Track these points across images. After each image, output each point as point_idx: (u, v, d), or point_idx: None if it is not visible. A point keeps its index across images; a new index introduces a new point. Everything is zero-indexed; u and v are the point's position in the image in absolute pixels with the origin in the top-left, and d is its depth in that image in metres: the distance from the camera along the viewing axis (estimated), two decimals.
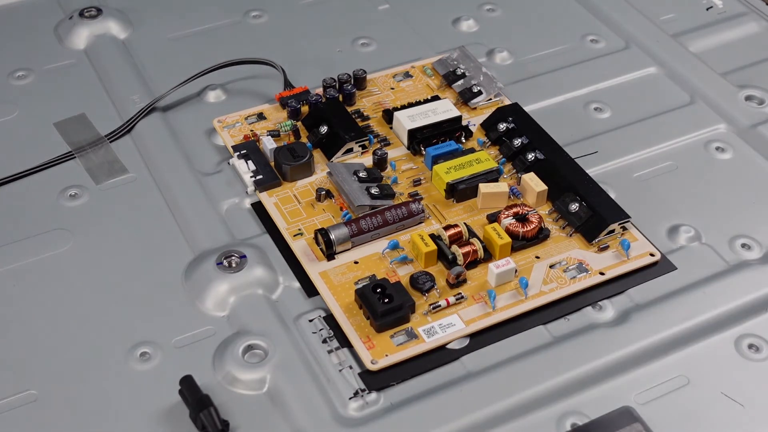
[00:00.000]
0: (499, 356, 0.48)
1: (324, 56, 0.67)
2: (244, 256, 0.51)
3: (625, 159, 0.59)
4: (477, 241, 0.51)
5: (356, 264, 0.51)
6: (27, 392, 0.46)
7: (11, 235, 0.54)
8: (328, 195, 0.55)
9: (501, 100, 0.62)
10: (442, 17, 0.71)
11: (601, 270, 0.51)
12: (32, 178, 0.58)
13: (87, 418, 0.45)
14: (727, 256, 0.53)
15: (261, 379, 0.47)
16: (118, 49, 0.67)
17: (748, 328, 0.49)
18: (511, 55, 0.68)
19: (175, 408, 0.45)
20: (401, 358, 0.47)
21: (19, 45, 0.68)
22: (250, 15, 0.71)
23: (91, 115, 0.62)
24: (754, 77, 0.66)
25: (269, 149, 0.57)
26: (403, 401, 0.46)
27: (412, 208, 0.53)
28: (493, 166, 0.56)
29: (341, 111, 0.60)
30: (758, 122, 0.62)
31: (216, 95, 0.64)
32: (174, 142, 0.60)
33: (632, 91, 0.65)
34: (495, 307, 0.49)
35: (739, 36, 0.70)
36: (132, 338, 0.48)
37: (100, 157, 0.59)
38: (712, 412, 0.46)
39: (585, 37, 0.70)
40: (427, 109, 0.59)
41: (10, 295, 0.51)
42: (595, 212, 0.53)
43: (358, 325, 0.48)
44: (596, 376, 0.47)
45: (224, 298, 0.50)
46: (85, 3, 0.71)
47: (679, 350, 0.48)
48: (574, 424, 0.45)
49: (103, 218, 0.55)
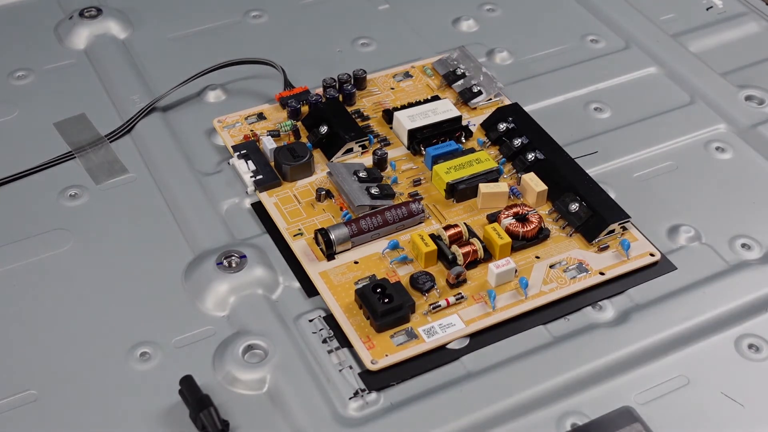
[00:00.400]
0: (499, 356, 0.48)
1: (324, 56, 0.67)
2: (244, 256, 0.51)
3: (625, 159, 0.59)
4: (477, 241, 0.51)
5: (356, 264, 0.51)
6: (27, 392, 0.46)
7: (11, 235, 0.54)
8: (328, 195, 0.55)
9: (501, 100, 0.62)
10: (442, 17, 0.71)
11: (601, 270, 0.51)
12: (32, 178, 0.58)
13: (87, 418, 0.45)
14: (727, 256, 0.53)
15: (261, 379, 0.46)
16: (118, 49, 0.67)
17: (748, 328, 0.49)
18: (511, 55, 0.68)
19: (175, 408, 0.45)
20: (401, 358, 0.47)
21: (19, 45, 0.68)
22: (250, 15, 0.71)
23: (91, 115, 0.62)
24: (754, 77, 0.66)
25: (269, 149, 0.57)
26: (403, 401, 0.46)
27: (412, 208, 0.53)
28: (493, 166, 0.56)
29: (341, 111, 0.59)
30: (758, 122, 0.62)
31: (216, 95, 0.64)
32: (174, 142, 0.60)
33: (632, 91, 0.65)
34: (495, 307, 0.49)
35: (739, 36, 0.70)
36: (132, 338, 0.48)
37: (100, 157, 0.59)
38: (712, 412, 0.46)
39: (585, 37, 0.69)
40: (427, 109, 0.59)
41: (10, 295, 0.51)
42: (595, 212, 0.53)
43: (358, 325, 0.48)
44: (596, 376, 0.47)
45: (224, 298, 0.50)
46: (85, 3, 0.71)
47: (679, 350, 0.48)
48: (574, 424, 0.45)
49: (103, 218, 0.55)
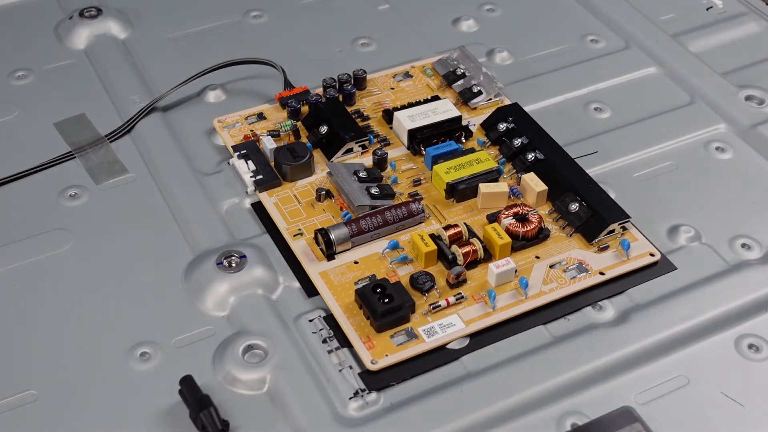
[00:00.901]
0: (499, 356, 0.48)
1: (324, 56, 0.67)
2: (244, 256, 0.51)
3: (625, 159, 0.59)
4: (477, 241, 0.51)
5: (356, 264, 0.51)
6: (27, 392, 0.46)
7: (11, 235, 0.54)
8: (328, 195, 0.55)
9: (501, 100, 0.62)
10: (442, 17, 0.71)
11: (601, 270, 0.51)
12: (32, 178, 0.58)
13: (87, 418, 0.45)
14: (727, 256, 0.53)
15: (261, 379, 0.46)
16: (118, 49, 0.67)
17: (748, 328, 0.49)
18: (511, 55, 0.68)
19: (175, 408, 0.45)
20: (401, 358, 0.47)
21: (19, 45, 0.68)
22: (250, 15, 0.71)
23: (91, 115, 0.62)
24: (754, 77, 0.66)
25: (269, 149, 0.57)
26: (403, 401, 0.46)
27: (412, 208, 0.53)
28: (493, 166, 0.56)
29: (341, 111, 0.59)
30: (758, 122, 0.62)
31: (216, 95, 0.64)
32: (174, 142, 0.60)
33: (632, 91, 0.65)
34: (495, 307, 0.49)
35: (739, 36, 0.70)
36: (132, 338, 0.48)
37: (100, 157, 0.59)
38: (712, 412, 0.46)
39: (585, 37, 0.69)
40: (427, 109, 0.59)
41: (10, 295, 0.51)
42: (595, 212, 0.53)
43: (358, 325, 0.48)
44: (596, 376, 0.47)
45: (224, 298, 0.50)
46: (85, 3, 0.71)
47: (679, 350, 0.48)
48: (574, 424, 0.45)
49: (103, 218, 0.55)
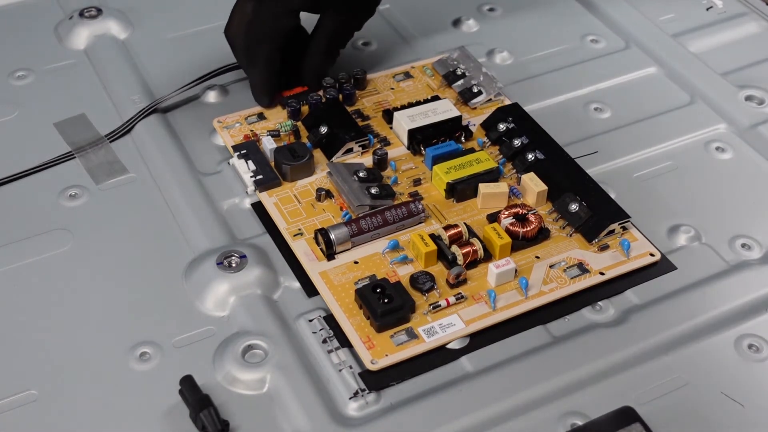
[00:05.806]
0: (499, 356, 0.48)
1: None
2: (244, 256, 0.51)
3: (625, 159, 0.59)
4: (477, 241, 0.51)
5: (356, 264, 0.51)
6: (27, 392, 0.46)
7: (11, 235, 0.54)
8: (328, 195, 0.55)
9: (501, 100, 0.62)
10: (442, 17, 0.71)
11: (601, 270, 0.51)
12: (32, 178, 0.58)
13: (87, 418, 0.45)
14: (727, 256, 0.53)
15: (261, 379, 0.46)
16: (118, 49, 0.67)
17: (748, 328, 0.49)
18: (511, 55, 0.68)
19: (175, 408, 0.45)
20: (401, 358, 0.47)
21: (19, 45, 0.68)
22: None
23: (91, 115, 0.62)
24: (754, 77, 0.66)
25: (269, 149, 0.57)
26: (403, 401, 0.46)
27: (412, 208, 0.53)
28: (493, 166, 0.56)
29: (341, 111, 0.59)
30: (758, 122, 0.62)
31: (216, 95, 0.64)
32: (174, 142, 0.60)
33: (632, 91, 0.65)
34: (495, 307, 0.49)
35: (739, 36, 0.70)
36: (132, 338, 0.48)
37: (100, 157, 0.59)
38: (712, 412, 0.46)
39: (585, 37, 0.69)
40: (427, 109, 0.59)
41: (10, 295, 0.51)
42: (595, 212, 0.53)
43: (358, 325, 0.48)
44: (596, 376, 0.47)
45: (224, 298, 0.50)
46: (85, 3, 0.71)
47: (679, 350, 0.48)
48: (574, 424, 0.45)
49: (103, 218, 0.55)
